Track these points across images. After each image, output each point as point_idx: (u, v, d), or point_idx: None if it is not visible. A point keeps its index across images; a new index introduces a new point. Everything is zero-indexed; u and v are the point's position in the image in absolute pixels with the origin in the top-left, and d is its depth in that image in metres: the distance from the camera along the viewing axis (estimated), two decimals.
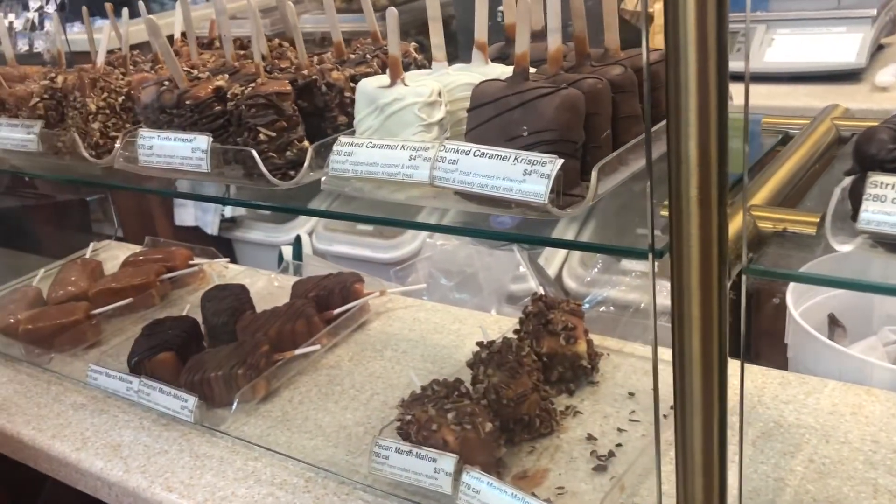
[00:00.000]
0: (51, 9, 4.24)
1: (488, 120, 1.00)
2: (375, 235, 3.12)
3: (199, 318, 1.82)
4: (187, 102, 1.25)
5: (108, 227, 3.25)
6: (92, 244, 2.36)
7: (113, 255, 2.40)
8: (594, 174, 0.93)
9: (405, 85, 1.07)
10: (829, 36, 2.84)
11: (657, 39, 1.88)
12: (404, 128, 1.05)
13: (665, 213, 0.87)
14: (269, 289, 2.04)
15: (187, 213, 3.74)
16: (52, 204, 2.65)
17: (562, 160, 0.89)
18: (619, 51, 1.16)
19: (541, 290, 1.90)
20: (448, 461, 1.19)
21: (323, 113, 1.23)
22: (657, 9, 2.80)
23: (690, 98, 0.73)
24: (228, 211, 3.57)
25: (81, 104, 1.38)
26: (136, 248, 2.42)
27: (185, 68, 1.41)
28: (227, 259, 2.19)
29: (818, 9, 2.85)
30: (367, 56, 1.32)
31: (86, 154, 1.38)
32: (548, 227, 1.14)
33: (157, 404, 1.53)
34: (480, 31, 1.19)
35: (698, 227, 0.77)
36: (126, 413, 1.60)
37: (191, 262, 2.14)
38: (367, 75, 1.29)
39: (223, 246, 3.66)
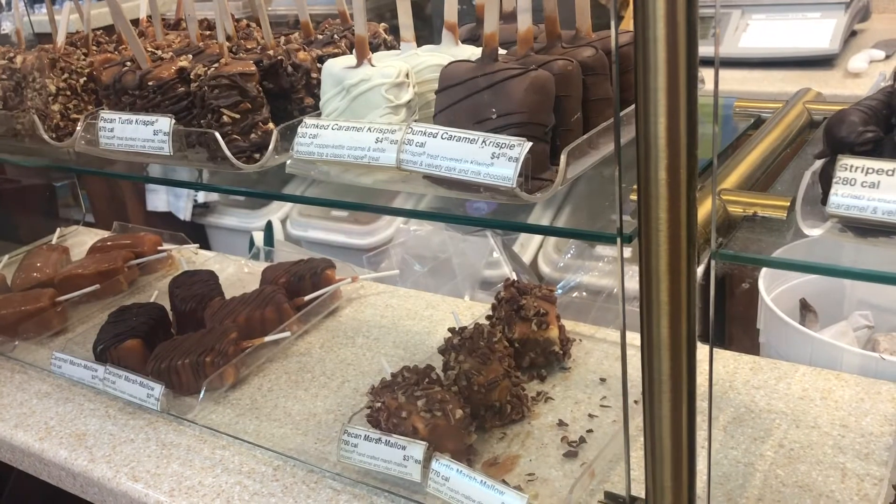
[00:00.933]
0: None
1: (457, 102, 0.98)
2: (350, 221, 3.09)
3: (168, 305, 1.79)
4: (150, 83, 1.22)
5: (78, 212, 3.20)
6: (59, 230, 2.31)
7: (81, 240, 2.35)
8: (563, 157, 0.92)
9: (372, 65, 1.04)
10: (803, 22, 2.84)
11: (632, 23, 1.84)
12: (371, 109, 1.03)
13: (635, 197, 0.86)
14: (238, 275, 2.01)
15: (159, 199, 3.69)
16: (17, 189, 2.59)
17: (530, 143, 0.88)
18: (590, 32, 1.15)
19: (514, 276, 1.89)
20: (417, 449, 1.18)
21: (289, 94, 1.21)
22: None
23: (659, 78, 0.71)
24: (201, 196, 3.53)
25: (41, 85, 1.35)
26: (105, 234, 2.38)
27: (150, 49, 1.38)
28: (197, 245, 2.15)
29: None
30: (335, 37, 1.29)
31: (46, 136, 1.34)
32: (523, 212, 1.13)
33: (122, 392, 1.50)
34: (450, 12, 1.17)
35: (667, 211, 0.75)
36: (91, 402, 1.57)
37: (159, 248, 2.10)
38: (334, 56, 1.26)
39: (196, 231, 3.62)
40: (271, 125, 1.15)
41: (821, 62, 2.60)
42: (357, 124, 0.99)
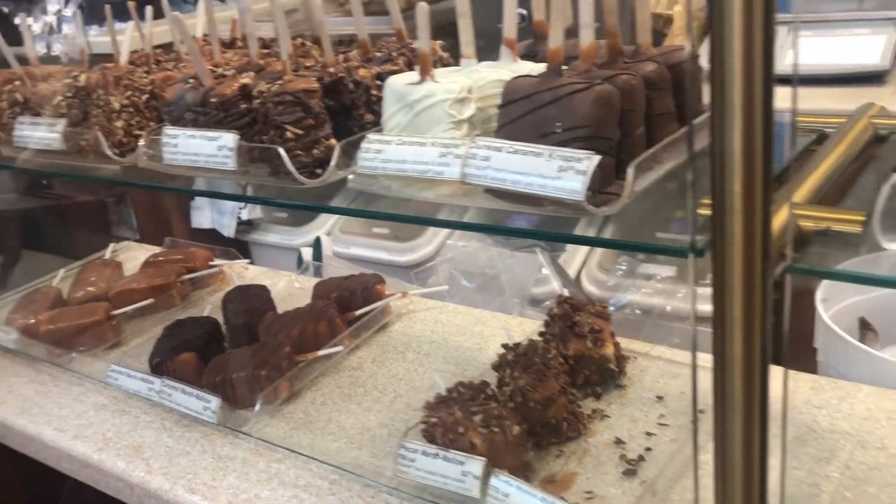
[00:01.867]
0: (69, 12, 4.27)
1: (520, 116, 0.99)
2: (391, 238, 3.10)
3: (220, 319, 1.81)
4: (212, 100, 1.24)
5: (124, 228, 3.26)
6: (111, 245, 2.35)
7: (132, 255, 2.40)
8: (630, 171, 0.91)
9: (435, 81, 1.05)
10: (852, 38, 2.80)
11: (677, 41, 1.84)
12: (434, 125, 1.03)
13: (704, 211, 0.85)
14: (289, 290, 2.03)
15: (203, 216, 3.74)
16: (70, 205, 2.65)
17: (598, 157, 0.87)
18: (650, 47, 1.14)
19: (564, 293, 1.87)
20: (476, 464, 1.17)
21: (349, 111, 1.22)
22: (677, 11, 2.78)
23: (735, 91, 0.71)
24: (245, 213, 3.57)
25: (105, 102, 1.38)
26: (156, 249, 2.42)
27: (210, 67, 1.40)
28: (248, 260, 2.18)
29: (841, 10, 2.82)
30: (393, 54, 1.30)
31: (109, 152, 1.37)
32: (568, 225, 1.12)
33: (178, 405, 1.51)
34: (509, 29, 1.17)
35: (741, 225, 0.74)
36: (147, 414, 1.59)
37: (211, 263, 2.13)
38: (393, 73, 1.27)
39: (239, 248, 3.65)
40: (333, 141, 1.16)
41: (870, 79, 2.55)
42: (421, 139, 1.00)
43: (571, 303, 1.54)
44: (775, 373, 0.83)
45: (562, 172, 0.88)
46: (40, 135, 1.43)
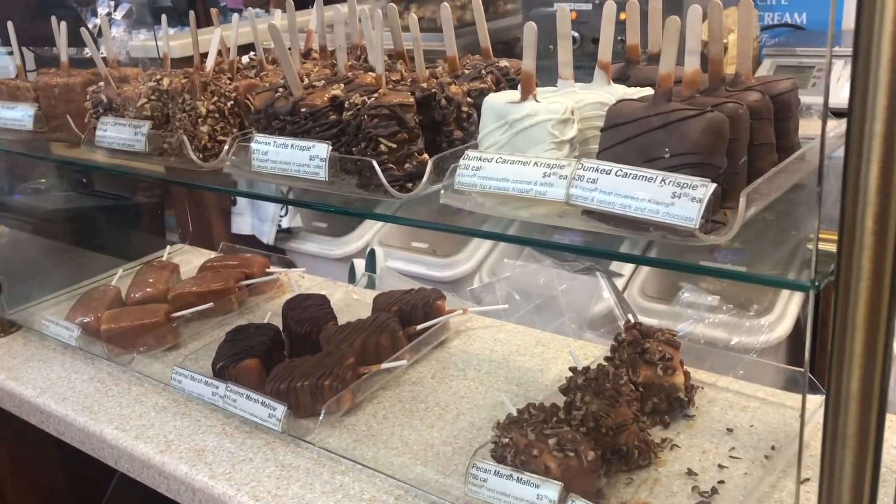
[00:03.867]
0: (119, 15, 4.34)
1: (626, 140, 0.98)
2: (429, 253, 3.10)
3: (279, 326, 1.81)
4: (302, 110, 1.25)
5: (168, 231, 3.28)
6: (168, 247, 2.37)
7: (186, 259, 2.41)
8: (742, 199, 0.90)
9: (537, 101, 1.05)
10: None
11: (730, 69, 1.83)
12: (534, 144, 1.03)
13: (811, 245, 0.84)
14: (346, 301, 2.03)
15: (244, 222, 3.77)
16: (128, 206, 2.67)
17: (714, 184, 0.87)
18: (750, 76, 1.14)
19: (629, 317, 1.86)
20: (552, 488, 1.16)
21: (440, 127, 1.22)
22: (731, 40, 2.77)
23: (877, 125, 0.70)
24: (286, 221, 3.59)
25: (191, 107, 1.39)
26: (209, 253, 2.44)
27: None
28: (304, 269, 2.18)
29: None
30: (482, 71, 1.31)
31: (193, 156, 1.38)
32: (615, 244, 1.11)
33: (243, 411, 1.51)
34: (605, 51, 1.17)
35: (871, 261, 0.73)
36: (208, 418, 1.59)
37: (268, 270, 2.14)
38: (482, 91, 1.28)
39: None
40: (426, 156, 1.16)
41: None
42: (523, 158, 1.00)
43: (641, 329, 1.52)
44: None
45: (675, 199, 0.87)
46: (125, 136, 1.44)
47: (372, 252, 2.31)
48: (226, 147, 1.38)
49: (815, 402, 1.43)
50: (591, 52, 2.82)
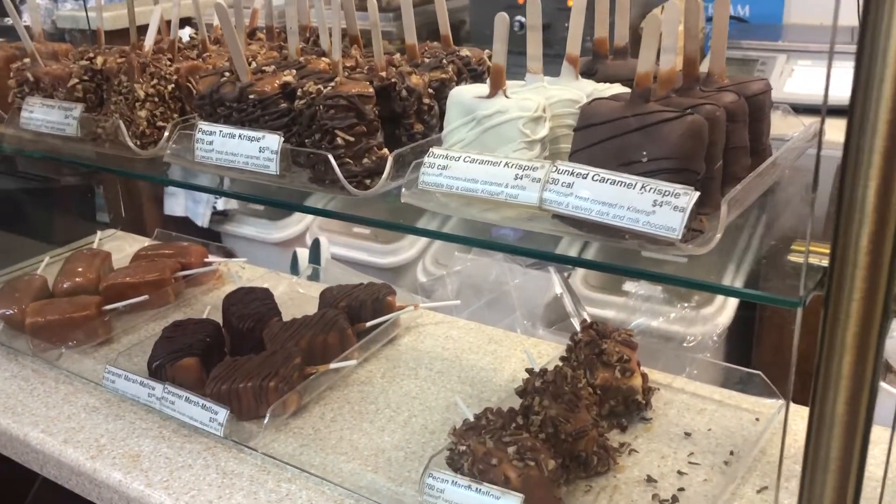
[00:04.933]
0: None
1: (601, 141, 0.93)
2: (371, 239, 3.03)
3: (219, 321, 1.72)
4: (251, 97, 1.17)
5: (99, 214, 3.13)
6: (99, 233, 2.24)
7: (118, 246, 2.29)
8: (724, 207, 0.86)
9: (507, 97, 0.99)
10: (850, 70, 2.79)
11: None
12: (504, 143, 0.98)
13: (795, 258, 0.80)
14: (290, 294, 1.95)
15: (177, 203, 3.62)
16: (55, 188, 2.52)
17: (697, 193, 0.82)
18: (724, 76, 1.10)
19: (584, 317, 1.82)
20: (513, 500, 1.11)
21: (399, 119, 1.15)
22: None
23: (877, 140, 0.66)
24: (221, 203, 3.47)
25: (128, 89, 1.29)
26: (142, 240, 2.32)
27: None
28: (245, 259, 2.09)
29: (838, 42, 2.81)
30: (444, 61, 1.24)
31: (130, 143, 1.28)
32: (550, 244, 1.06)
33: (182, 414, 1.43)
34: (573, 44, 1.12)
35: (865, 281, 0.70)
36: (144, 420, 1.50)
37: (206, 260, 2.04)
38: (443, 81, 1.22)
39: (213, 239, 3.55)
40: (385, 151, 1.09)
41: None
42: (493, 158, 0.94)
43: (598, 329, 1.49)
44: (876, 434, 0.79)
45: (656, 207, 0.83)
46: (54, 119, 1.33)
47: (316, 242, 2.23)
48: (166, 134, 1.29)
49: (772, 407, 1.43)
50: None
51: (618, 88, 1.11)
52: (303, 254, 2.30)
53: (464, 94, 1.01)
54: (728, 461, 1.31)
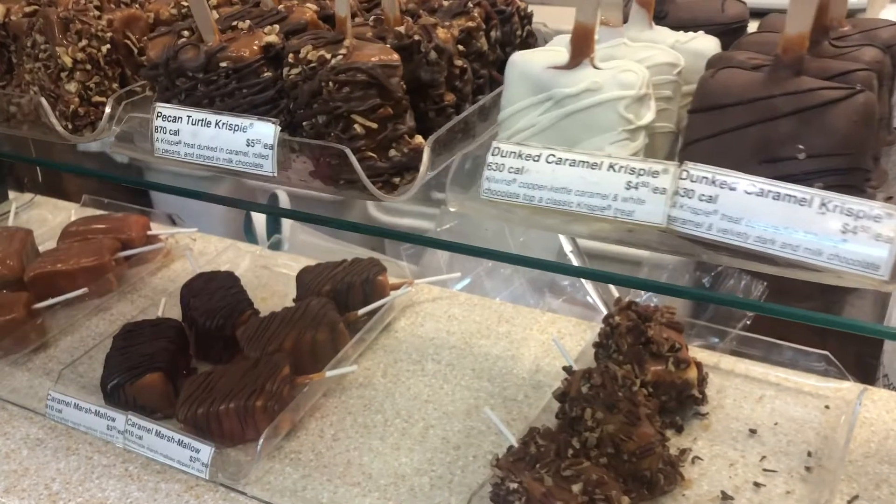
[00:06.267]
0: None
1: (734, 129, 0.69)
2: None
3: (177, 316, 1.45)
4: (222, 64, 0.88)
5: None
6: (13, 205, 1.89)
7: (39, 217, 1.95)
8: None
9: (596, 67, 0.73)
10: None
11: None
12: (596, 132, 0.72)
13: None
14: (256, 272, 1.67)
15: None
16: None
17: None
18: (843, 21, 0.86)
19: (615, 294, 1.60)
20: None
21: (426, 89, 0.88)
22: None
23: None
24: None
25: (49, 54, 0.97)
26: (67, 206, 1.98)
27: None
28: (195, 229, 1.79)
29: None
30: (469, 3, 0.96)
31: (58, 126, 0.97)
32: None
33: (154, 451, 1.17)
34: None
35: None
36: (102, 454, 1.23)
37: (150, 234, 1.74)
38: (469, 32, 0.94)
39: (135, 173, 3.18)
40: (419, 138, 0.82)
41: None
42: (591, 157, 0.69)
43: (638, 310, 1.28)
44: None
45: (848, 234, 0.59)
46: None
47: (273, 197, 1.93)
48: (106, 111, 0.98)
49: (842, 391, 1.26)
50: None
51: (709, 40, 0.86)
52: (259, 219, 2.00)
53: (533, 64, 0.75)
54: (809, 466, 1.13)
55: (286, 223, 1.91)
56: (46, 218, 1.94)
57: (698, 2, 0.94)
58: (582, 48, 0.72)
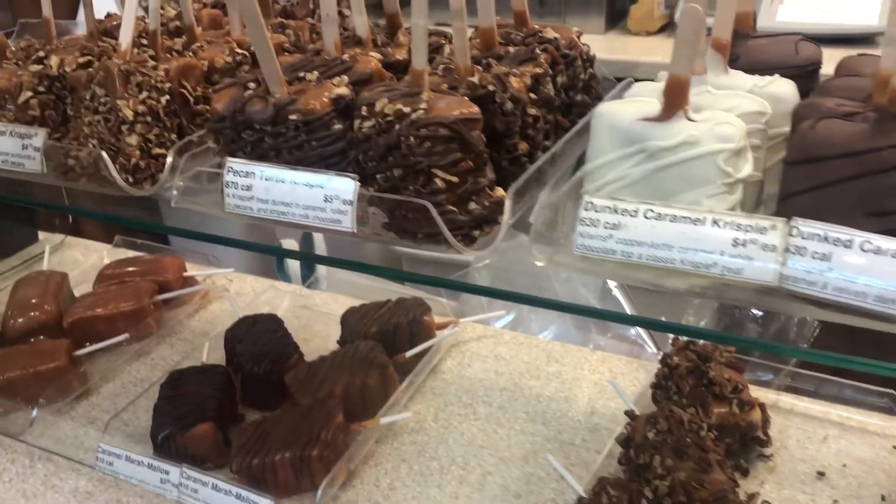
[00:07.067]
0: None
1: (836, 182, 0.67)
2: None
3: (212, 354, 1.44)
4: (292, 117, 0.86)
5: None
6: (47, 247, 1.88)
7: (72, 258, 1.94)
8: None
9: (690, 119, 0.71)
10: None
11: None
12: (693, 185, 0.70)
13: None
14: (296, 312, 1.65)
15: None
16: None
17: None
18: None
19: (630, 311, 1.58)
20: None
21: (501, 139, 0.86)
22: None
23: None
24: None
25: (109, 108, 0.96)
26: (99, 248, 1.97)
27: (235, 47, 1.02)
28: (232, 269, 1.77)
29: None
30: (537, 50, 0.94)
31: (120, 180, 0.96)
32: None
33: None
34: (723, 27, 0.85)
35: None
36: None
37: (186, 275, 1.72)
38: (537, 79, 0.92)
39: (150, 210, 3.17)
40: (500, 191, 0.81)
41: (863, 40, 2.28)
42: (692, 212, 0.67)
43: (697, 350, 1.25)
44: None
45: None
46: (7, 150, 0.99)
47: (308, 237, 1.92)
48: (168, 163, 0.97)
49: None
50: None
51: (786, 85, 0.85)
52: (288, 243, 1.98)
53: (623, 116, 0.73)
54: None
55: (328, 272, 1.89)
56: (78, 259, 1.92)
57: (771, 44, 0.93)
58: (676, 100, 0.71)
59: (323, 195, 0.79)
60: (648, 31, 2.37)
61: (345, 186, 0.78)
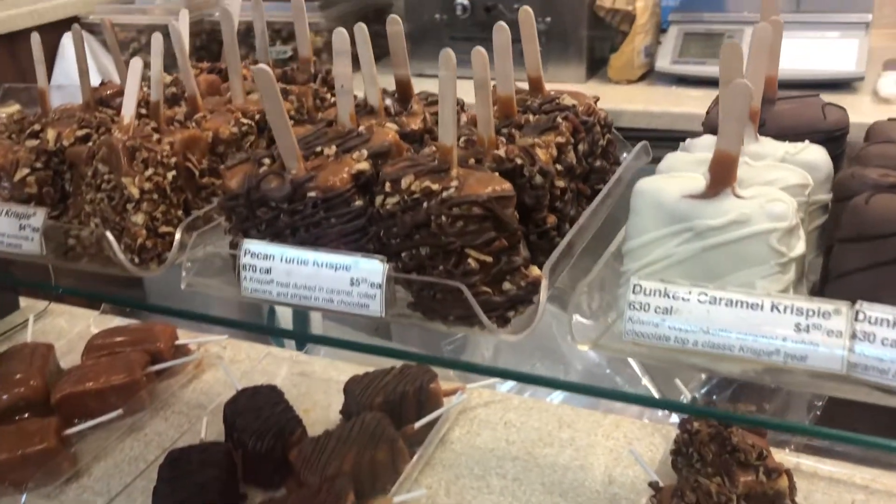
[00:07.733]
0: None
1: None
2: None
3: (208, 429, 1.38)
4: (311, 194, 0.82)
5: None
6: (31, 316, 1.81)
7: (56, 326, 1.86)
8: None
9: (738, 196, 0.69)
10: (821, 41, 2.57)
11: (638, 40, 1.45)
12: (746, 266, 0.67)
13: None
14: (293, 380, 1.59)
15: None
16: None
17: None
18: None
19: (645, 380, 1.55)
20: None
21: (529, 213, 0.83)
22: (639, 6, 2.50)
23: None
24: None
25: (113, 185, 0.91)
26: (86, 315, 1.89)
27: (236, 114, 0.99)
28: (226, 336, 1.71)
29: (809, 11, 2.60)
30: (559, 119, 0.92)
31: (126, 262, 0.91)
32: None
33: None
34: (755, 94, 0.83)
35: None
36: None
37: (178, 343, 1.66)
38: (560, 148, 0.90)
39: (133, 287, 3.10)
40: (535, 269, 0.77)
41: (841, 85, 2.30)
42: (749, 297, 0.64)
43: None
44: None
45: None
46: (4, 231, 0.94)
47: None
48: (176, 241, 0.92)
49: None
50: (481, 22, 2.45)
51: (819, 152, 0.83)
52: (286, 311, 1.92)
53: (666, 192, 0.70)
54: None
55: (317, 324, 1.84)
56: (63, 328, 1.85)
57: (797, 108, 0.91)
58: (724, 177, 0.68)
59: (349, 278, 0.75)
60: (629, 79, 2.38)
61: (373, 268, 0.74)
